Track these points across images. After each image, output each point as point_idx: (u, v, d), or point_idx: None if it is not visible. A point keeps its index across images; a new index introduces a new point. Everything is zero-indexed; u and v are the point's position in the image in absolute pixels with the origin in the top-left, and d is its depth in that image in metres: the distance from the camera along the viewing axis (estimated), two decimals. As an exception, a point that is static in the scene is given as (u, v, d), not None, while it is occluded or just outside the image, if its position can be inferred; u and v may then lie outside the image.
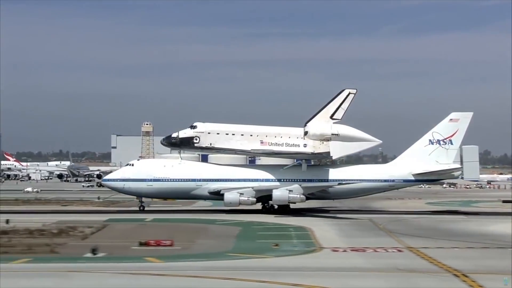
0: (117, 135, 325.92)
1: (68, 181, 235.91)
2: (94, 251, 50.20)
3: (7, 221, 72.25)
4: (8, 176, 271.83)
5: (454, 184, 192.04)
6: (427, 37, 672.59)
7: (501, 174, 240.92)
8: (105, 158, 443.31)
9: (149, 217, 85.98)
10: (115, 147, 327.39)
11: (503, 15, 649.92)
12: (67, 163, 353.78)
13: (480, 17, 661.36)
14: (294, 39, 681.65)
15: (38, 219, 77.53)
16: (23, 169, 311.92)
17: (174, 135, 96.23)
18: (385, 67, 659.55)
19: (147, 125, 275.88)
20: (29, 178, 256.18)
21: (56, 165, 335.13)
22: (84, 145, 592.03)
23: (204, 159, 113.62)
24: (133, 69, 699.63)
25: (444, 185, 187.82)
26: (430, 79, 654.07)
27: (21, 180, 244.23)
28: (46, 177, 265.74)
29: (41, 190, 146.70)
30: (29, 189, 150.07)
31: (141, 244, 55.83)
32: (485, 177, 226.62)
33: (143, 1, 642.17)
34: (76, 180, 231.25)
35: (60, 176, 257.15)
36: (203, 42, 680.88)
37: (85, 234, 64.57)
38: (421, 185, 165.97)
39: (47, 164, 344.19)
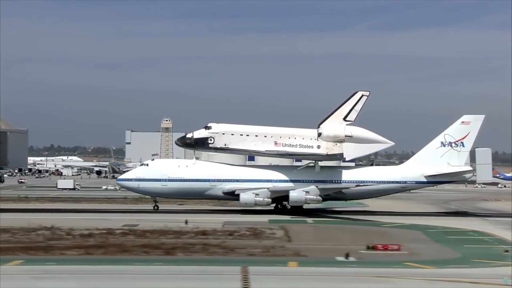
0: (132, 131, 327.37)
1: (107, 177, 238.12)
2: (347, 255, 52.28)
3: (186, 222, 75.17)
4: (40, 171, 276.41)
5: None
6: (403, 33, 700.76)
7: None
8: (99, 152, 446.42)
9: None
10: (129, 143, 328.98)
11: (478, 13, 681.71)
12: (74, 157, 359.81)
13: (455, 15, 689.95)
14: (274, 34, 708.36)
15: (204, 219, 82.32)
16: (37, 163, 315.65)
17: (189, 135, 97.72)
18: (362, 62, 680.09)
19: (166, 122, 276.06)
20: (61, 174, 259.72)
21: (63, 159, 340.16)
22: (76, 139, 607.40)
23: (251, 159, 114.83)
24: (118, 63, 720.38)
25: (500, 185, 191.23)
26: (405, 74, 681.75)
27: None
28: (77, 173, 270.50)
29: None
30: (109, 186, 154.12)
31: (368, 247, 57.57)
32: None
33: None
34: (113, 177, 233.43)
35: (98, 173, 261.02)
36: (183, 36, 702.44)
37: (283, 236, 67.39)
38: (480, 185, 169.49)
39: (62, 159, 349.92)
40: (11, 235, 65.25)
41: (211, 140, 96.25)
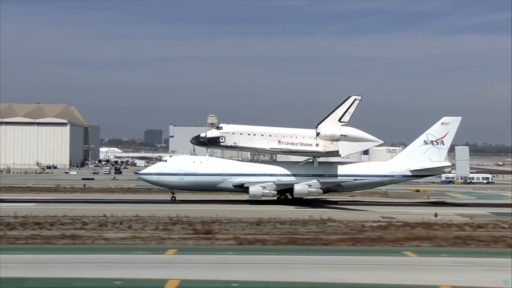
0: (174, 126, 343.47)
1: None
2: None
3: (436, 215, 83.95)
4: (116, 162, 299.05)
5: None
6: (362, 37, 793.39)
7: None
8: (119, 144, 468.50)
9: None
10: (172, 136, 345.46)
11: (428, 20, 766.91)
12: (115, 149, 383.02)
13: (408, 21, 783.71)
14: (248, 37, 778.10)
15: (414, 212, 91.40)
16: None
17: (203, 135, 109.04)
18: (328, 63, 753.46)
19: (212, 117, 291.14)
20: (135, 164, 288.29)
21: (106, 151, 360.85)
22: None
23: None
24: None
25: None
26: (363, 75, 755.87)
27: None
28: (145, 165, 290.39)
29: None
30: None
31: None
32: None
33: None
34: None
35: None
36: (165, 39, 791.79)
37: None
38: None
39: (113, 150, 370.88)
40: (302, 225, 71.55)
41: (222, 139, 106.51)
